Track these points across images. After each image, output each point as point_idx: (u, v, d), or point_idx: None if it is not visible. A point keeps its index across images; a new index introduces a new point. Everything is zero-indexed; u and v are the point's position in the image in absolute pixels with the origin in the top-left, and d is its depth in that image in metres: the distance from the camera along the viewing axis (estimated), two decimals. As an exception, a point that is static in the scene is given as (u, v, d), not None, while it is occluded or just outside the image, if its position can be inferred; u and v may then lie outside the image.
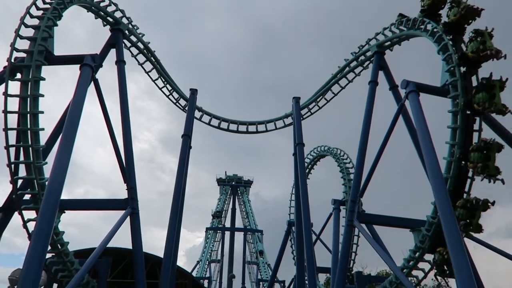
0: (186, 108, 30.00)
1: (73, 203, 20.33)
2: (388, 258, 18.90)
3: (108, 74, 26.10)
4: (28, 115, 15.83)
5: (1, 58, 18.77)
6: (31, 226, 16.49)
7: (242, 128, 33.28)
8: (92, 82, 19.11)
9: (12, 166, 16.19)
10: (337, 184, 34.49)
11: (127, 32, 24.36)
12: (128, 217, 19.63)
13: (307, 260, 23.96)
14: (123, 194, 20.35)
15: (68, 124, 15.74)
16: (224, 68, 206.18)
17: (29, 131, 15.85)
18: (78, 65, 17.81)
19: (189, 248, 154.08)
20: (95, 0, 21.29)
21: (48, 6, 17.35)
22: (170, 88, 30.70)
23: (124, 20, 24.01)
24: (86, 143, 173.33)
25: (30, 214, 17.31)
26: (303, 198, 25.91)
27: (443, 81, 19.02)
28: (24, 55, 16.58)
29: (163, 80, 30.03)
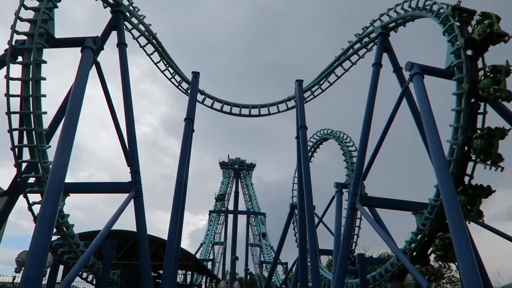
0: (189, 91, 29.88)
1: (77, 186, 20.47)
2: (390, 240, 19.04)
3: (109, 58, 25.91)
4: (31, 98, 15.80)
5: (1, 42, 18.65)
6: (36, 209, 16.66)
7: (245, 111, 33.20)
8: (94, 65, 19.02)
9: (16, 149, 16.26)
10: (339, 167, 34.62)
11: (128, 14, 24.08)
12: (132, 200, 19.83)
13: (310, 242, 24.21)
14: (127, 178, 20.51)
15: (71, 107, 15.74)
16: (227, 50, 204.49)
17: (32, 115, 15.84)
18: (79, 48, 17.71)
19: (192, 230, 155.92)
20: (95, -19, 20.99)
21: (47, -13, 17.12)
22: (172, 71, 30.51)
23: (125, 2, 23.72)
24: (89, 127, 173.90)
25: (35, 197, 17.49)
26: (305, 181, 26.00)
27: (448, 63, 18.78)
28: (24, 37, 16.44)
29: (165, 63, 29.82)
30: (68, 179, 15.28)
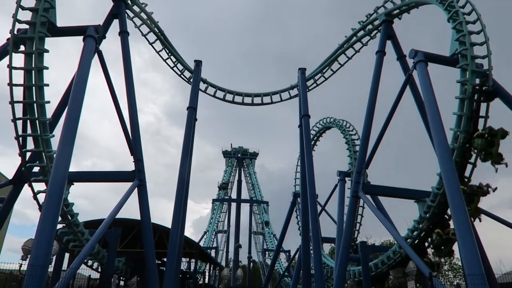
0: (191, 80, 29.78)
1: (81, 175, 20.63)
2: (393, 228, 19.15)
3: (111, 47, 25.85)
4: (34, 87, 15.81)
5: (3, 31, 18.60)
6: (41, 198, 16.81)
7: (247, 100, 33.08)
8: (96, 54, 18.99)
9: (20, 139, 16.35)
10: (342, 155, 34.50)
11: (129, 2, 23.94)
12: (136, 188, 19.97)
13: (312, 230, 24.36)
14: (130, 167, 20.63)
15: (74, 97, 15.78)
16: (229, 38, 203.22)
17: (35, 104, 15.88)
18: (81, 36, 17.66)
19: (196, 219, 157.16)
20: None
21: (48, -25, 16.99)
22: (174, 59, 30.38)
23: (127, -10, 23.54)
24: (92, 116, 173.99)
25: (39, 186, 17.65)
26: (308, 169, 26.05)
27: (452, 50, 18.64)
28: (26, 26, 16.39)
29: (167, 51, 29.69)
30: (72, 168, 15.41)
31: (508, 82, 17.99)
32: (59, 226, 18.33)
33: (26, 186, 18.26)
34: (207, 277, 45.94)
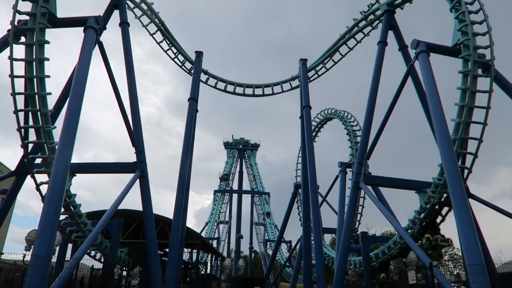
0: (192, 71, 29.69)
1: (83, 167, 20.68)
2: (393, 218, 19.23)
3: (112, 38, 25.75)
4: (35, 79, 15.83)
5: (4, 22, 18.53)
6: (44, 189, 16.92)
7: (249, 91, 32.96)
8: (97, 45, 18.93)
9: (22, 130, 16.41)
10: (343, 147, 34.52)
11: (130, -8, 23.79)
12: (138, 180, 20.04)
13: (313, 221, 24.46)
14: (132, 158, 20.69)
15: (75, 88, 15.76)
16: (230, 29, 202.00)
17: (36, 96, 15.91)
18: (82, 27, 17.60)
19: (198, 210, 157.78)
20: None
21: (48, -35, 16.88)
22: (175, 50, 30.24)
23: (127, -20, 23.38)
24: (94, 108, 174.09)
25: (42, 178, 17.75)
26: (309, 160, 26.08)
27: (455, 40, 18.54)
28: (27, 17, 16.34)
29: (168, 42, 29.56)
30: (74, 160, 15.46)
31: (510, 73, 17.95)
32: (62, 217, 18.47)
33: (29, 177, 18.37)
34: (209, 267, 46.29)
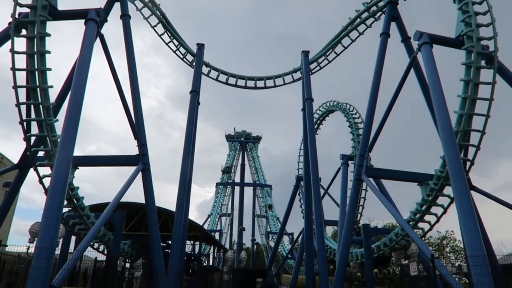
0: (194, 63, 29.61)
1: (86, 160, 20.75)
2: (395, 211, 19.25)
3: (113, 31, 25.66)
4: (36, 72, 15.82)
5: (4, 15, 18.48)
6: (47, 182, 16.99)
7: (250, 83, 32.88)
8: (98, 38, 18.87)
9: (24, 123, 16.44)
10: (345, 139, 34.60)
11: (130, -16, 23.64)
12: (140, 172, 20.11)
13: (315, 213, 24.53)
14: (134, 151, 20.72)
15: (76, 81, 15.75)
16: (232, 21, 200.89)
17: (38, 89, 15.90)
18: (83, 20, 17.53)
19: (200, 202, 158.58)
20: (96, -49, 20.52)
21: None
22: (176, 43, 30.13)
23: (127, -28, 23.20)
24: (96, 100, 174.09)
25: (45, 171, 17.81)
26: (311, 153, 26.08)
27: (458, 31, 18.40)
28: (27, 10, 16.28)
29: (169, 34, 29.44)
30: (76, 153, 15.50)
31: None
32: (65, 210, 18.58)
33: (32, 170, 18.45)
34: (211, 259, 46.55)
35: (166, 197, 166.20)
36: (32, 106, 16.31)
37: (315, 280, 24.98)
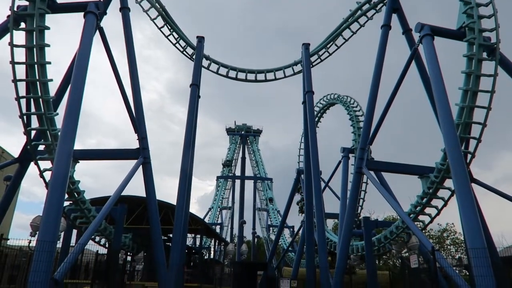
0: (194, 56, 29.48)
1: (86, 153, 20.72)
2: (396, 203, 19.25)
3: (113, 25, 25.51)
4: (36, 65, 15.75)
5: (3, 8, 18.38)
6: (48, 175, 16.99)
7: (251, 76, 32.74)
8: (98, 31, 18.77)
9: (24, 117, 16.41)
10: (346, 132, 34.58)
11: (129, -23, 23.43)
12: (141, 166, 20.11)
13: (316, 206, 24.58)
14: (134, 144, 20.70)
15: (76, 74, 15.70)
16: (232, 14, 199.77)
17: (38, 82, 15.85)
18: (82, 13, 17.43)
19: (200, 196, 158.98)
20: None
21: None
22: (176, 36, 29.96)
23: (126, -36, 23.00)
24: (96, 94, 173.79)
25: (45, 164, 17.81)
26: (312, 146, 26.06)
27: (459, 23, 18.28)
28: (26, 3, 16.17)
29: (169, 27, 29.27)
30: (77, 146, 15.50)
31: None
32: (66, 203, 18.61)
33: (32, 164, 18.45)
34: (212, 252, 46.71)
35: (167, 190, 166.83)
36: (32, 100, 16.26)
37: (316, 273, 25.09)
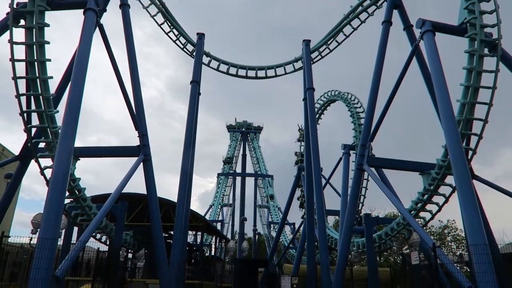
0: (194, 53, 29.41)
1: (87, 151, 20.71)
2: (397, 200, 19.24)
3: (112, 21, 25.44)
4: (36, 63, 15.72)
5: (2, 6, 18.31)
6: (48, 173, 16.98)
7: (251, 73, 32.62)
8: (98, 28, 18.70)
9: (25, 115, 16.38)
10: (347, 129, 34.55)
11: (129, -27, 23.33)
12: (141, 163, 20.09)
13: (317, 203, 24.58)
14: (135, 142, 20.70)
15: (76, 71, 15.64)
16: (232, 10, 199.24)
17: (38, 80, 15.82)
18: (82, 10, 17.34)
19: (201, 193, 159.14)
20: None
21: None
22: (176, 32, 29.88)
23: (126, -40, 22.90)
24: (97, 91, 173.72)
25: (46, 162, 17.81)
26: (313, 143, 26.03)
27: (461, 19, 18.18)
28: (26, 0, 16.11)
29: (169, 24, 29.19)
30: (77, 144, 15.46)
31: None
32: (67, 201, 18.61)
33: (33, 161, 18.43)
34: (213, 249, 46.84)
35: (167, 187, 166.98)
36: (32, 97, 16.24)
37: (317, 270, 25.11)
